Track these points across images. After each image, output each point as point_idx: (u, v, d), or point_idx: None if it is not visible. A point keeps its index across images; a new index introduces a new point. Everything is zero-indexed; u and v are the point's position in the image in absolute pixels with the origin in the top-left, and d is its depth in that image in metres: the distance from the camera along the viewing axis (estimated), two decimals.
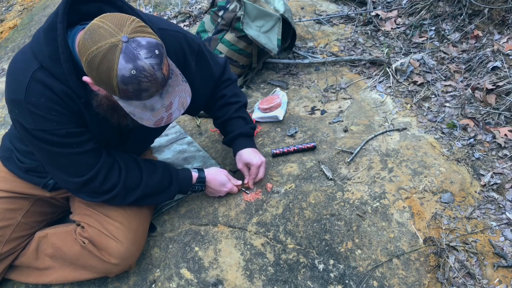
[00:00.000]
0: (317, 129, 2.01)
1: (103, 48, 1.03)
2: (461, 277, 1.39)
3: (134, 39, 1.05)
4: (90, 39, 1.05)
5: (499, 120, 1.89)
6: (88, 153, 1.30)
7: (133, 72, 1.04)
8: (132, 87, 1.07)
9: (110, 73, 1.05)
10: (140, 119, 1.17)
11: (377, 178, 1.71)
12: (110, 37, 1.04)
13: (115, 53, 1.03)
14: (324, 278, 1.44)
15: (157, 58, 1.07)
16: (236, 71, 2.30)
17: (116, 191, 1.38)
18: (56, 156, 1.27)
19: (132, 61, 1.04)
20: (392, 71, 2.27)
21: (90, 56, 1.05)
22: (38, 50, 1.18)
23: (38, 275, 1.51)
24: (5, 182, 1.49)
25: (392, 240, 1.50)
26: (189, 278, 1.50)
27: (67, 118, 1.22)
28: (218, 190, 1.65)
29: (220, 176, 1.64)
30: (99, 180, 1.34)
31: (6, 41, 3.53)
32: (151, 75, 1.07)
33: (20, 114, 1.19)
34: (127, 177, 1.39)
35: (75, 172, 1.31)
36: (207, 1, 3.64)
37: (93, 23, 1.08)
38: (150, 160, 1.55)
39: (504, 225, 1.52)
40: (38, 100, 1.17)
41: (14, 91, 1.19)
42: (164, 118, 1.19)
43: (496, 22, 2.33)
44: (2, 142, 1.55)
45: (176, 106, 1.20)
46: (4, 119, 2.55)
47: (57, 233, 1.51)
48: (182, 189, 1.56)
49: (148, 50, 1.06)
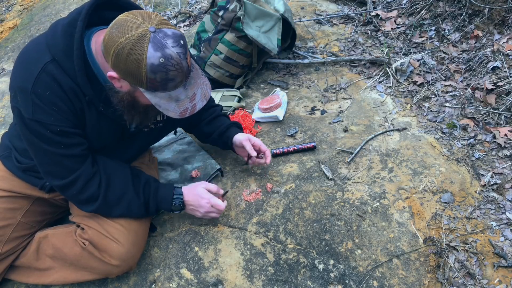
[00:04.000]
0: (317, 129, 2.01)
1: (132, 39, 1.08)
2: (461, 277, 1.39)
3: (160, 30, 1.10)
4: (118, 32, 1.09)
5: (499, 120, 1.89)
6: (72, 157, 1.29)
7: (162, 60, 1.09)
8: (160, 76, 1.11)
9: (139, 62, 1.09)
10: (165, 110, 1.21)
11: (377, 178, 1.71)
12: (138, 28, 1.08)
13: (144, 42, 1.08)
14: (324, 278, 1.44)
15: (182, 47, 1.13)
16: (236, 71, 2.30)
17: (97, 205, 1.36)
18: (42, 153, 1.27)
19: (161, 50, 1.09)
20: (392, 71, 2.27)
21: (119, 48, 1.08)
22: (53, 43, 1.20)
23: (38, 275, 1.51)
24: (4, 182, 1.49)
25: (392, 240, 1.50)
26: (189, 278, 1.50)
27: (66, 116, 1.23)
28: (197, 204, 1.50)
29: (197, 189, 1.51)
30: (77, 187, 1.32)
31: (6, 41, 3.53)
32: (178, 63, 1.12)
33: (22, 102, 1.20)
34: (107, 193, 1.37)
35: (56, 173, 1.31)
36: (207, 1, 3.64)
37: (119, 18, 1.13)
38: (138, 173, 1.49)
39: (504, 225, 1.52)
40: (44, 92, 1.18)
41: (22, 79, 1.20)
42: (188, 108, 1.23)
43: (496, 22, 2.33)
44: (1, 141, 1.56)
45: (199, 97, 1.24)
46: (4, 119, 2.55)
47: (58, 234, 1.50)
48: (159, 206, 1.49)
49: (174, 40, 1.11)
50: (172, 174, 1.86)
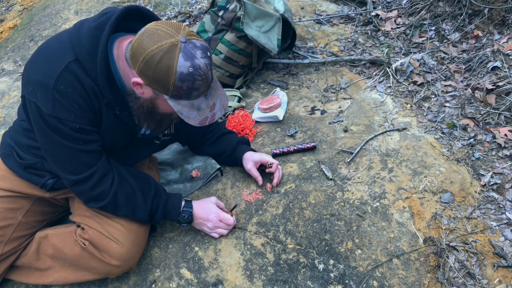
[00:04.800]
0: (317, 129, 2.01)
1: (163, 47, 1.12)
2: (461, 277, 1.39)
3: (190, 41, 1.16)
4: (149, 40, 1.14)
5: (499, 120, 1.89)
6: (90, 153, 1.31)
7: (191, 69, 1.15)
8: (186, 84, 1.17)
9: (169, 71, 1.14)
10: (187, 118, 1.26)
11: (377, 178, 1.71)
12: (169, 37, 1.14)
13: (175, 51, 1.13)
14: (324, 278, 1.44)
15: (209, 59, 1.19)
16: (236, 71, 2.30)
17: (106, 202, 1.37)
18: (59, 147, 1.27)
19: (190, 60, 1.14)
20: (392, 71, 2.27)
21: (150, 55, 1.13)
22: (77, 43, 1.23)
23: (39, 275, 1.51)
24: (5, 181, 1.49)
25: (392, 240, 1.50)
26: (189, 278, 1.50)
27: (86, 114, 1.26)
28: (206, 217, 1.53)
29: (206, 203, 1.56)
30: (91, 183, 1.33)
31: (6, 41, 3.53)
32: (205, 73, 1.18)
33: (41, 98, 1.20)
34: (118, 192, 1.38)
35: (71, 169, 1.31)
36: (207, 1, 3.64)
37: (149, 27, 1.17)
38: (144, 181, 1.50)
39: (504, 225, 1.52)
40: (66, 90, 1.20)
41: (43, 74, 1.21)
42: (208, 117, 1.29)
43: (496, 22, 2.33)
44: (2, 139, 1.55)
45: (218, 107, 1.30)
46: (4, 119, 2.54)
47: (58, 233, 1.50)
48: (167, 216, 1.51)
49: (202, 51, 1.17)
50: (172, 174, 1.86)
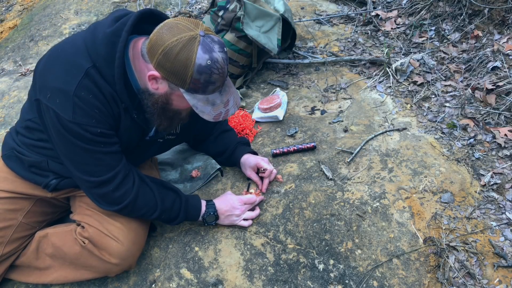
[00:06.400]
0: (317, 129, 2.01)
1: (183, 39, 1.15)
2: (461, 277, 1.39)
3: (208, 35, 1.19)
4: (169, 32, 1.16)
5: (499, 120, 1.89)
6: (112, 154, 1.33)
7: (209, 62, 1.17)
8: (204, 77, 1.19)
9: (187, 62, 1.16)
10: (201, 112, 1.28)
11: (377, 178, 1.71)
12: (189, 31, 1.16)
13: (194, 44, 1.16)
14: (324, 278, 1.44)
15: (225, 54, 1.22)
16: (236, 71, 2.30)
17: (126, 203, 1.37)
18: (80, 152, 1.28)
19: (209, 53, 1.17)
20: (392, 71, 2.27)
21: (169, 47, 1.15)
22: (94, 49, 1.24)
23: (38, 275, 1.51)
24: (6, 182, 1.49)
25: (392, 240, 1.50)
26: (189, 278, 1.50)
27: (106, 118, 1.27)
28: (231, 206, 1.56)
29: (225, 196, 1.60)
30: (114, 184, 1.34)
31: (6, 41, 3.52)
32: (222, 67, 1.20)
33: (61, 104, 1.21)
34: (139, 191, 1.39)
35: (93, 171, 1.32)
36: (207, 1, 3.64)
37: (168, 21, 1.20)
38: (162, 182, 1.52)
39: (504, 225, 1.52)
40: (86, 96, 1.21)
41: (63, 81, 1.21)
42: (222, 113, 1.31)
43: (496, 22, 2.33)
44: (4, 141, 1.55)
45: (232, 103, 1.33)
46: (4, 119, 2.54)
47: (57, 232, 1.50)
48: (188, 217, 1.54)
49: (220, 46, 1.20)
50: (172, 174, 1.86)
